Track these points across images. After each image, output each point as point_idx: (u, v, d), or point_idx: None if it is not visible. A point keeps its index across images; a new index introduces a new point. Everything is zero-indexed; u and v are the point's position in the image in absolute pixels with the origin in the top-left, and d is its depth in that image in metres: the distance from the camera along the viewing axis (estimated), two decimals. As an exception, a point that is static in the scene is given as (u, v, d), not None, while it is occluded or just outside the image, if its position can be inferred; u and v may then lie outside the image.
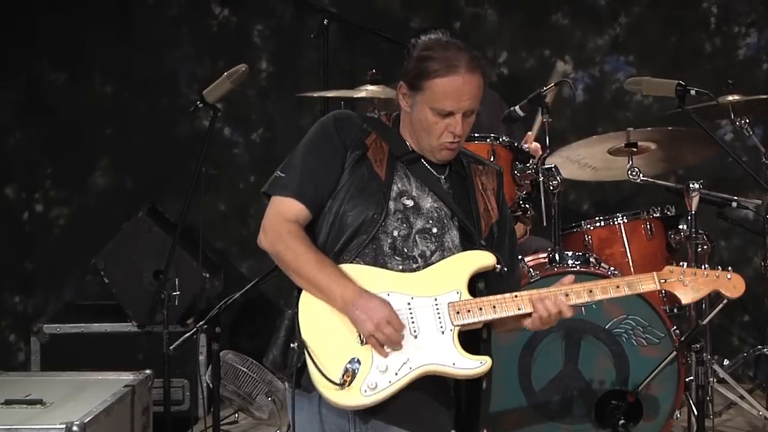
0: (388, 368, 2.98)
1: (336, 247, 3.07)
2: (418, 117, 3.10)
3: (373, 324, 2.96)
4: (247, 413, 5.25)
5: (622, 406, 4.35)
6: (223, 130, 6.21)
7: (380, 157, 3.13)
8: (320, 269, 3.00)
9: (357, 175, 3.10)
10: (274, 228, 3.09)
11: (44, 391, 4.31)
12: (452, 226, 3.13)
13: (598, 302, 4.31)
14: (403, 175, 3.14)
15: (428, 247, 3.09)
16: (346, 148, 3.11)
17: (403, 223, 3.09)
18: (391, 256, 3.07)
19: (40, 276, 6.23)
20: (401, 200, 3.11)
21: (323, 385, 2.97)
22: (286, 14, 6.23)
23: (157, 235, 5.40)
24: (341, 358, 2.98)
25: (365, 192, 3.09)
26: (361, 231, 3.06)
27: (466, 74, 3.06)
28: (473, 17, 6.18)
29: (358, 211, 3.07)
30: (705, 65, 6.10)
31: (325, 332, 3.00)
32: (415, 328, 3.01)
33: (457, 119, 3.07)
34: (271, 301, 6.27)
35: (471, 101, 3.08)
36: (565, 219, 4.85)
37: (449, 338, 3.02)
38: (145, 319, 5.28)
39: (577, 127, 6.06)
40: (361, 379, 2.96)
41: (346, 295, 2.98)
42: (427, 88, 3.07)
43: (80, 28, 6.16)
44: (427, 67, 3.07)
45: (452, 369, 3.01)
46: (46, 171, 6.25)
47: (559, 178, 4.66)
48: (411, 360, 2.99)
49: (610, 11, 6.17)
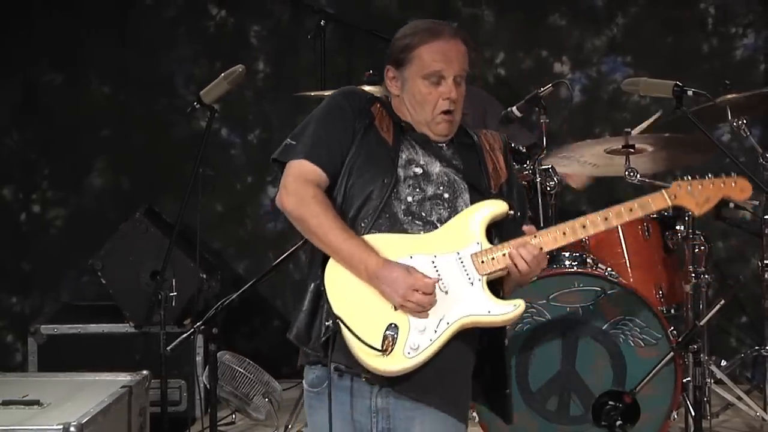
0: (426, 328, 2.99)
1: (350, 213, 3.09)
2: (411, 92, 3.15)
3: (399, 296, 2.97)
4: (244, 414, 5.24)
5: (620, 407, 4.35)
6: (221, 131, 6.21)
7: (386, 125, 3.17)
8: (344, 239, 3.01)
9: (366, 142, 3.13)
10: (297, 191, 3.08)
11: (41, 391, 4.30)
12: (463, 189, 3.15)
13: (596, 303, 4.42)
14: (408, 144, 3.17)
15: (442, 214, 3.11)
16: (355, 116, 3.15)
17: (415, 189, 3.11)
18: (411, 222, 3.08)
19: (37, 277, 6.22)
20: (410, 168, 3.13)
21: (366, 353, 2.97)
22: (284, 15, 6.23)
23: (154, 236, 5.40)
24: (378, 326, 2.99)
25: (374, 158, 3.11)
26: (372, 197, 3.08)
27: (450, 39, 3.14)
28: (470, 18, 6.18)
29: (368, 178, 3.09)
30: (702, 66, 6.10)
31: (357, 303, 3.01)
32: (444, 285, 3.03)
33: (448, 84, 3.12)
34: (268, 301, 6.28)
35: (460, 64, 3.14)
36: (562, 219, 4.81)
37: (479, 288, 3.04)
38: (142, 320, 5.27)
39: (574, 127, 6.06)
40: (402, 343, 2.98)
41: (369, 268, 3.00)
42: (415, 57, 3.13)
43: (77, 29, 6.16)
44: (412, 39, 3.14)
45: (489, 317, 3.04)
46: (43, 172, 6.24)
47: (557, 178, 4.66)
48: (447, 315, 3.01)
49: (607, 12, 6.17)
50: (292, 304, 6.20)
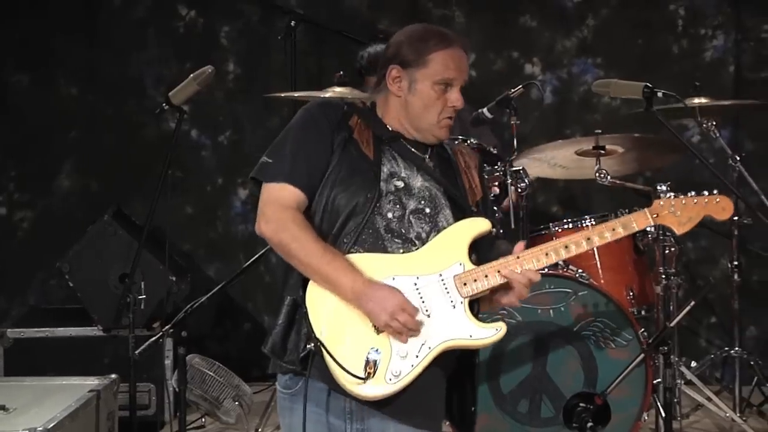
0: (408, 353, 2.98)
1: (333, 230, 3.06)
2: (419, 95, 3.14)
3: (387, 314, 2.96)
4: (214, 418, 5.21)
5: (590, 409, 4.34)
6: (191, 133, 6.18)
7: (366, 138, 3.15)
8: (327, 261, 2.98)
9: (345, 156, 3.10)
10: (277, 215, 3.05)
11: (7, 396, 4.26)
12: (444, 205, 3.14)
13: (566, 305, 4.41)
14: (390, 156, 3.15)
15: (423, 228, 3.10)
16: (332, 130, 3.12)
17: (396, 204, 3.10)
18: (390, 239, 3.07)
19: (4, 279, 6.17)
20: (392, 182, 3.12)
21: (347, 380, 2.96)
22: (254, 16, 6.21)
23: (122, 239, 5.36)
24: (360, 349, 2.97)
25: (356, 173, 3.09)
26: (355, 213, 3.05)
27: (460, 48, 3.16)
28: (441, 18, 6.17)
29: (351, 193, 3.06)
30: (672, 67, 6.12)
31: (339, 326, 2.99)
32: (426, 308, 3.02)
33: (456, 92, 3.14)
34: (238, 304, 6.25)
35: (466, 73, 3.18)
36: (534, 221, 4.85)
37: (461, 311, 3.03)
38: (111, 323, 5.24)
39: (545, 129, 6.07)
40: (384, 368, 2.97)
41: (355, 287, 2.97)
42: (429, 61, 3.12)
43: (45, 30, 6.11)
44: (426, 42, 3.13)
45: (470, 341, 3.03)
46: (10, 173, 6.19)
47: (527, 180, 4.66)
48: (429, 340, 3.00)
49: (577, 13, 6.18)
50: (264, 307, 6.20)
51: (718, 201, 3.20)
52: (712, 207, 3.20)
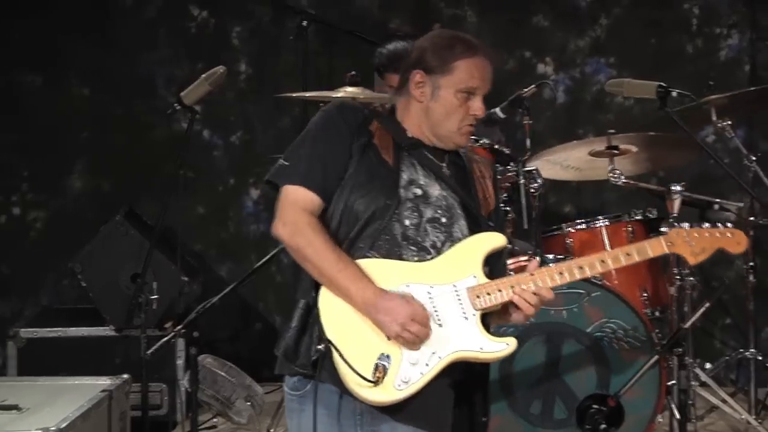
0: (418, 361, 2.98)
1: (350, 235, 3.05)
2: (441, 102, 3.12)
3: (398, 325, 2.95)
4: (225, 418, 5.21)
5: (604, 411, 4.32)
6: (202, 133, 6.17)
7: (386, 143, 3.13)
8: (339, 269, 2.98)
9: (365, 162, 3.09)
10: (293, 219, 3.04)
11: (20, 396, 4.25)
12: (460, 215, 3.13)
13: (580, 306, 4.39)
14: (409, 163, 3.14)
15: (438, 238, 3.09)
16: (352, 134, 3.10)
17: (414, 212, 3.09)
18: (406, 247, 3.06)
19: (16, 280, 6.17)
20: (411, 189, 3.11)
21: (357, 383, 2.95)
22: (265, 16, 6.20)
23: (134, 239, 5.35)
24: (371, 354, 2.97)
25: (375, 179, 3.08)
26: (374, 218, 3.05)
27: (485, 57, 3.15)
28: (453, 18, 6.15)
29: (370, 198, 3.05)
30: (686, 67, 6.09)
31: (351, 330, 2.99)
32: (438, 318, 3.02)
33: (478, 101, 3.13)
34: (250, 304, 6.24)
35: (489, 84, 3.15)
36: (546, 221, 4.83)
37: (473, 323, 3.03)
38: (123, 323, 5.23)
39: (557, 129, 6.05)
40: (394, 374, 2.96)
41: (367, 297, 2.97)
42: (454, 68, 3.10)
43: (56, 30, 6.11)
44: (452, 50, 3.11)
45: (480, 353, 3.03)
46: (22, 174, 6.20)
47: (540, 180, 4.64)
48: (439, 349, 3.00)
49: (590, 13, 6.15)
50: (275, 307, 6.19)
51: (733, 235, 3.26)
52: (726, 240, 3.25)
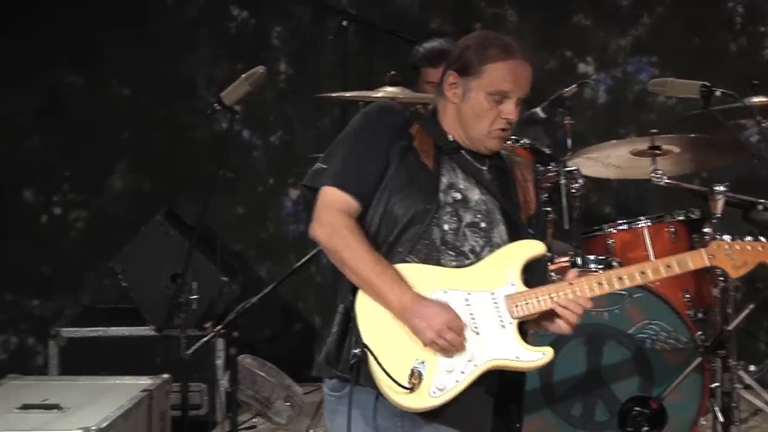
0: (454, 368, 2.97)
1: (389, 239, 3.04)
2: (472, 104, 3.09)
3: (433, 332, 2.93)
4: (265, 418, 5.22)
5: (646, 413, 4.29)
6: (242, 133, 6.18)
7: (426, 147, 3.11)
8: (377, 273, 2.96)
9: (405, 165, 3.07)
10: (330, 221, 3.03)
11: (62, 395, 4.29)
12: (499, 220, 3.11)
13: (621, 307, 4.35)
14: (449, 167, 3.12)
15: (477, 242, 3.08)
16: (392, 137, 3.08)
17: (453, 216, 3.07)
18: (444, 252, 3.04)
19: (58, 279, 6.21)
20: (450, 193, 3.09)
21: (391, 388, 2.94)
22: (305, 16, 6.20)
23: (174, 239, 5.37)
24: (407, 360, 2.96)
25: (415, 183, 3.06)
26: (414, 222, 3.03)
27: (521, 59, 3.09)
28: (493, 17, 6.12)
29: (409, 202, 3.04)
30: (730, 66, 6.02)
31: (387, 334, 2.97)
32: (475, 325, 3.00)
33: (510, 105, 3.08)
34: (289, 304, 6.24)
35: (526, 86, 3.10)
36: (587, 222, 4.79)
37: (510, 331, 3.01)
38: (163, 323, 5.25)
39: (598, 129, 6.00)
40: (429, 381, 2.95)
41: (404, 302, 2.95)
42: (484, 72, 3.07)
43: (98, 31, 6.14)
44: (485, 52, 3.07)
45: (516, 362, 3.01)
46: (64, 174, 6.23)
47: (581, 180, 4.61)
48: (475, 357, 2.98)
49: (632, 12, 6.10)
50: (314, 307, 6.19)
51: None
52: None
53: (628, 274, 3.11)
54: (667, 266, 3.13)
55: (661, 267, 3.13)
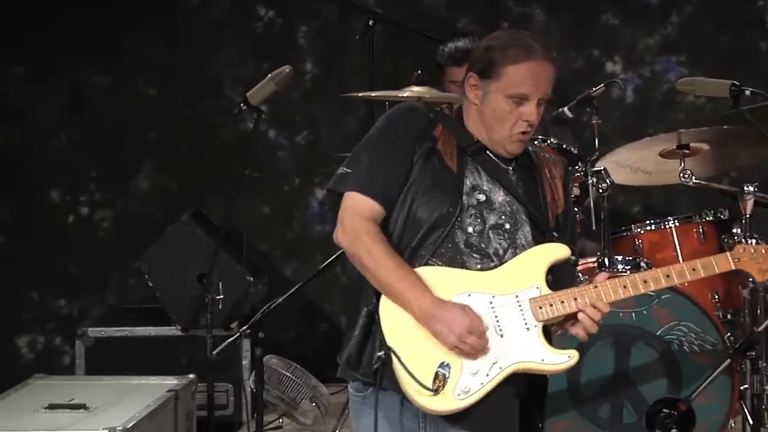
0: (479, 371, 2.96)
1: (412, 243, 3.03)
2: (492, 107, 3.06)
3: (455, 336, 2.92)
4: (291, 419, 5.20)
5: (674, 415, 4.24)
6: (268, 133, 6.18)
7: (449, 149, 3.09)
8: (399, 278, 2.96)
9: (428, 168, 3.06)
10: (353, 226, 3.02)
11: (88, 395, 4.30)
12: (524, 222, 3.09)
13: (649, 308, 4.31)
14: (473, 169, 3.10)
15: (501, 245, 3.06)
16: (415, 140, 3.07)
17: (477, 219, 3.06)
18: (469, 254, 3.03)
19: (84, 279, 6.23)
20: (474, 195, 3.07)
21: (416, 390, 2.93)
22: (332, 15, 6.19)
23: (200, 239, 5.37)
24: (431, 363, 2.94)
25: (438, 185, 3.04)
26: (437, 226, 3.02)
27: (542, 60, 3.04)
28: (521, 17, 6.10)
29: (433, 206, 3.03)
30: (759, 64, 5.97)
31: (411, 337, 2.96)
32: (500, 327, 2.99)
33: (531, 106, 3.04)
34: (315, 305, 6.24)
35: (547, 87, 3.06)
36: (615, 222, 4.76)
37: (535, 334, 3.00)
38: (189, 323, 5.26)
39: (626, 128, 5.97)
40: (454, 384, 2.94)
41: (424, 307, 2.94)
42: (503, 74, 3.03)
43: (124, 31, 6.16)
44: (504, 54, 3.04)
45: (542, 365, 3.00)
46: (90, 174, 6.25)
47: (609, 180, 4.57)
48: (500, 360, 2.97)
49: (661, 11, 6.07)
50: (341, 308, 6.18)
51: None
52: None
53: (653, 277, 3.09)
54: (692, 269, 3.11)
55: (686, 270, 3.11)
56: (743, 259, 3.16)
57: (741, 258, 3.16)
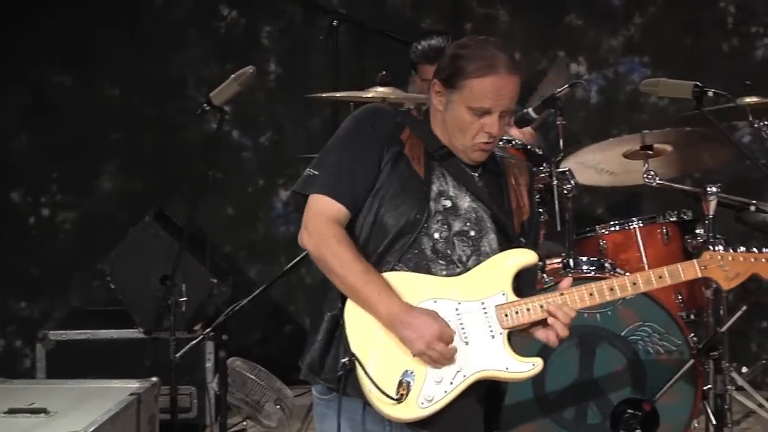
0: (443, 379, 2.94)
1: (379, 248, 3.01)
2: (453, 116, 3.04)
3: (423, 342, 2.91)
4: (255, 421, 5.18)
5: (639, 415, 4.26)
6: (232, 133, 6.15)
7: (417, 154, 3.07)
8: (366, 282, 2.93)
9: (396, 172, 3.04)
10: (319, 230, 3.00)
11: (49, 399, 4.26)
12: (489, 229, 3.08)
13: (614, 309, 4.32)
14: (440, 174, 3.08)
15: (464, 252, 3.05)
16: (383, 143, 3.05)
17: (443, 225, 3.04)
18: (435, 260, 3.02)
19: (46, 281, 6.18)
20: (441, 201, 3.06)
21: (379, 399, 2.92)
22: (296, 16, 6.17)
23: (164, 240, 5.33)
24: (395, 370, 2.93)
25: (405, 191, 3.03)
26: (404, 232, 3.00)
27: (505, 75, 3.01)
28: (485, 18, 6.10)
29: (400, 212, 3.01)
30: (722, 66, 6.00)
31: (376, 343, 2.95)
32: (465, 335, 2.97)
33: (493, 119, 3.02)
34: (280, 306, 6.21)
35: (509, 101, 3.04)
36: (579, 223, 4.76)
37: (500, 342, 2.99)
38: (152, 326, 5.22)
39: (591, 129, 5.98)
40: (417, 392, 2.93)
41: (392, 312, 2.92)
42: (464, 86, 3.01)
43: (87, 31, 6.11)
44: (465, 66, 3.01)
45: (506, 373, 3.00)
46: (52, 175, 6.20)
47: (573, 181, 4.58)
48: (464, 368, 2.96)
49: (624, 12, 6.09)
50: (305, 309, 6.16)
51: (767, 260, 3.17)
52: (761, 266, 3.17)
53: (619, 284, 3.09)
54: (659, 277, 3.11)
55: (653, 278, 3.10)
56: (710, 266, 3.15)
57: (708, 266, 3.15)
